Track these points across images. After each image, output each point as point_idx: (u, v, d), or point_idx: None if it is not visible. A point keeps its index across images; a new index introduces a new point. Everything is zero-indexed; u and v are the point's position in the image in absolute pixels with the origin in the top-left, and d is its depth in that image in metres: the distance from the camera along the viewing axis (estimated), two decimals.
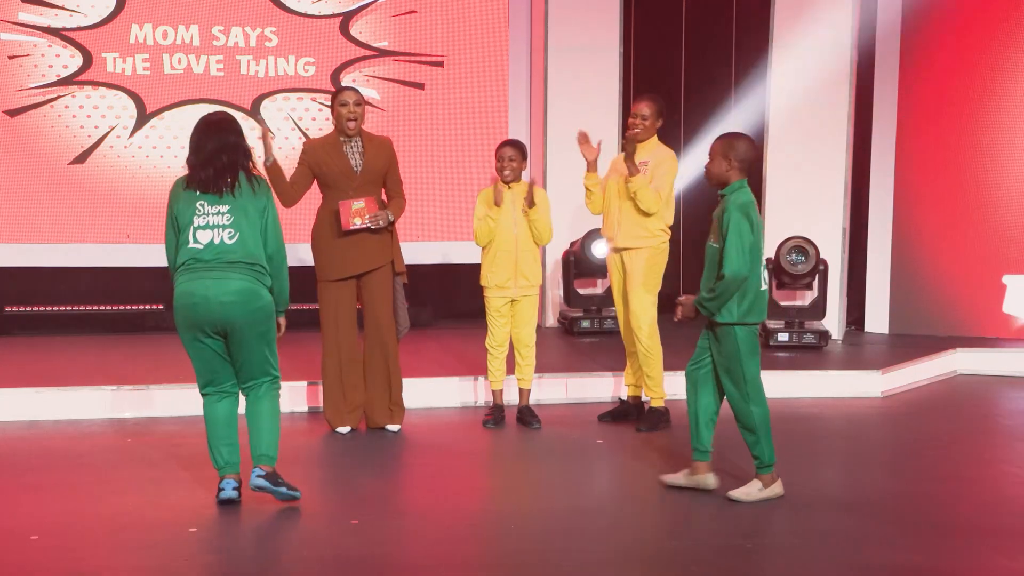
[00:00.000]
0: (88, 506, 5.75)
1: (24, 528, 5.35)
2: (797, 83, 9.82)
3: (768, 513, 5.64)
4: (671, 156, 7.26)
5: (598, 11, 10.19)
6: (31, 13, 9.77)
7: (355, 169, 6.99)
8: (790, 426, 7.50)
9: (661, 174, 7.15)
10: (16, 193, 9.83)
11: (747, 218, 5.66)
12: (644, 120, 7.23)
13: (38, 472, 6.34)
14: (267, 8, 10.09)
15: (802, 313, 9.56)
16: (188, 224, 5.56)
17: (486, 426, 7.33)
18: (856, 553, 5.08)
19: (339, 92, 7.06)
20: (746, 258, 5.62)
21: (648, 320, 7.24)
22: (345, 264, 7.03)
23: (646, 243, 7.19)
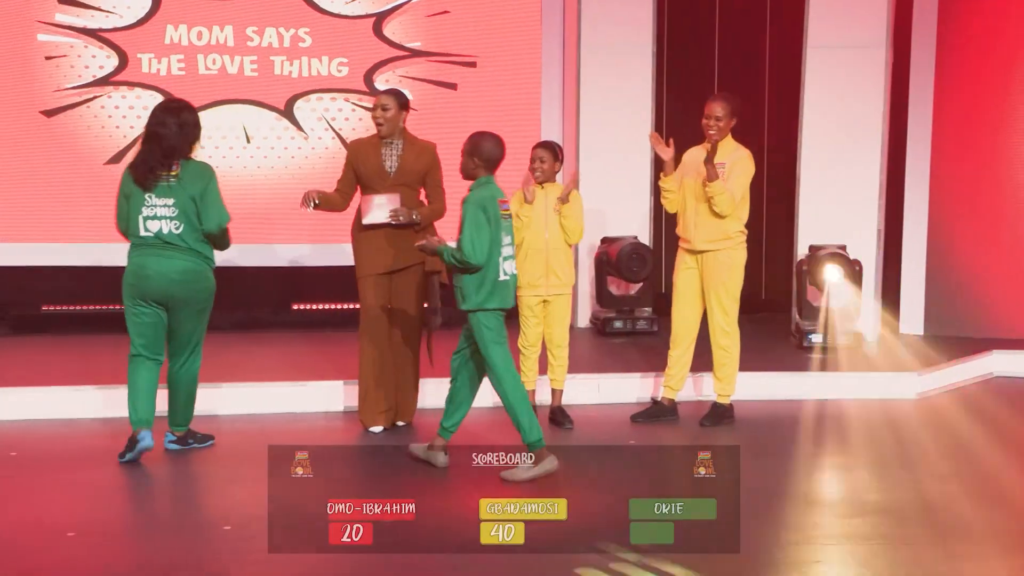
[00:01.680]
0: (124, 503, 5.79)
1: (61, 525, 5.40)
2: (831, 83, 9.77)
3: (801, 515, 5.63)
4: (747, 156, 7.24)
5: (631, 10, 10.16)
6: (68, 14, 9.83)
7: (388, 170, 7.05)
8: (824, 427, 7.48)
9: (736, 175, 7.14)
10: (53, 193, 9.90)
11: (483, 211, 6.14)
12: (718, 121, 7.19)
13: (75, 470, 6.39)
14: (301, 9, 10.12)
15: None
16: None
17: None
18: (887, 556, 5.06)
19: (378, 94, 7.21)
20: (483, 249, 6.08)
21: (729, 321, 7.26)
22: (375, 261, 7.10)
23: (724, 245, 7.19)
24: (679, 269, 7.43)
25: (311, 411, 7.65)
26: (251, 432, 7.17)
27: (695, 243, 7.27)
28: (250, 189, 10.10)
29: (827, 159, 9.81)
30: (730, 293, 7.29)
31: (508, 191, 7.57)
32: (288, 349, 8.98)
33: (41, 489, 6.07)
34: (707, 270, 7.27)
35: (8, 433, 7.14)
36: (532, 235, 7.26)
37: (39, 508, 5.73)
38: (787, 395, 8.19)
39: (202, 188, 6.53)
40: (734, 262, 7.26)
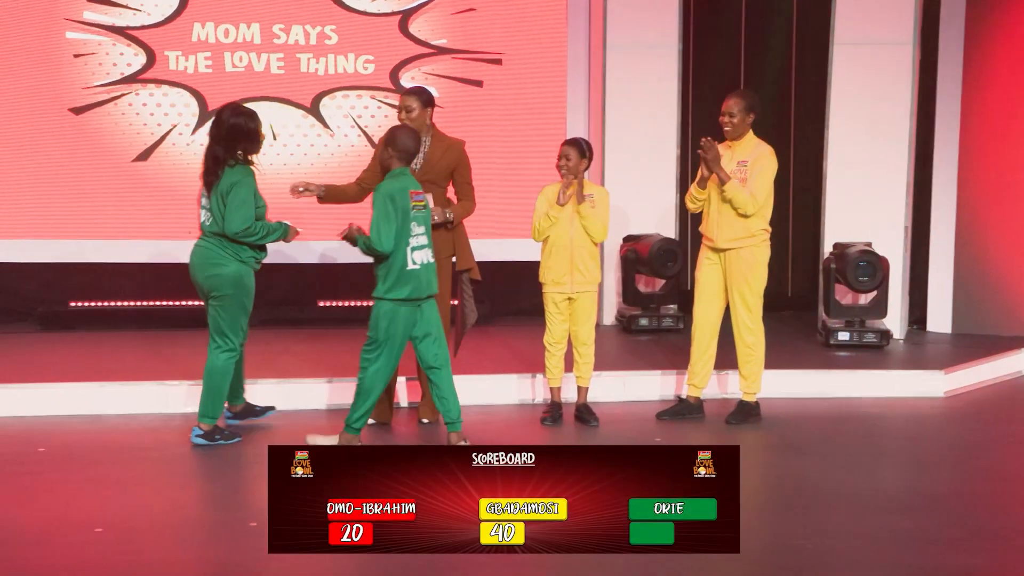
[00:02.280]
0: (151, 500, 5.82)
1: (89, 521, 5.42)
2: (858, 79, 9.72)
3: (828, 513, 5.61)
4: (768, 153, 7.20)
5: (657, 8, 10.13)
6: (96, 12, 9.88)
7: (414, 167, 7.06)
8: (851, 426, 7.46)
9: (755, 173, 7.11)
10: (81, 190, 9.95)
11: (392, 202, 6.33)
12: (732, 118, 7.18)
13: (102, 466, 6.42)
14: (327, 6, 10.14)
15: (863, 312, 9.48)
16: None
17: (544, 424, 7.34)
18: (915, 554, 5.04)
19: (401, 94, 7.26)
20: (390, 237, 6.30)
21: (753, 318, 7.25)
22: None
23: (747, 243, 7.18)
24: (701, 266, 7.42)
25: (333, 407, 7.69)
26: (279, 429, 7.20)
27: (718, 241, 7.25)
28: (276, 186, 10.08)
29: (853, 157, 9.76)
30: (754, 290, 7.27)
31: (534, 187, 7.59)
32: (315, 346, 8.99)
33: (68, 485, 6.10)
34: (730, 268, 7.26)
35: (36, 429, 7.18)
36: (557, 232, 7.25)
37: (67, 504, 5.76)
38: (813, 393, 8.16)
39: (227, 189, 6.71)
40: (757, 260, 7.25)
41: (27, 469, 6.37)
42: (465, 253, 7.27)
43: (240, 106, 6.97)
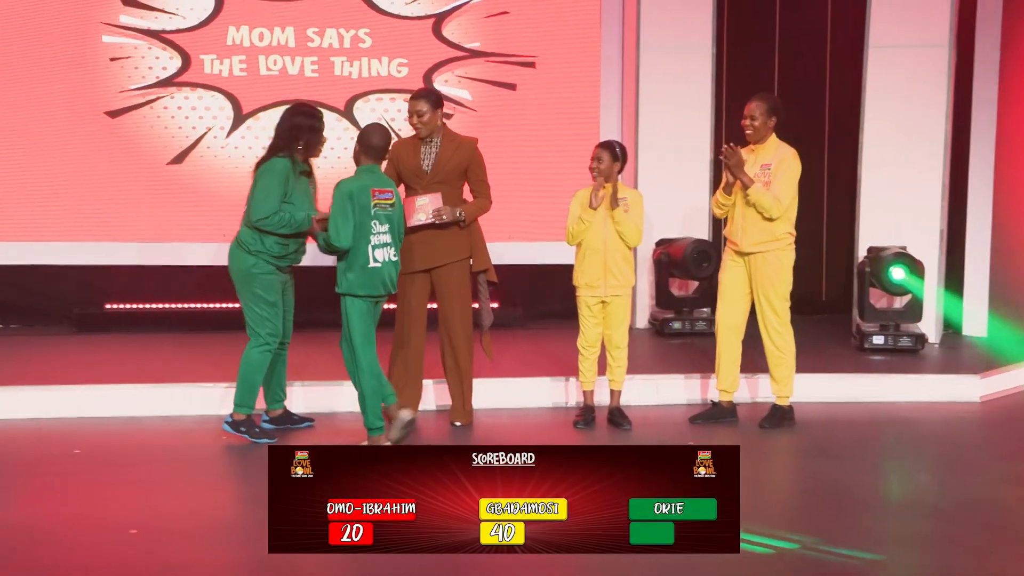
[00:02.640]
0: (186, 501, 5.85)
1: (124, 522, 5.46)
2: (893, 82, 9.67)
3: (860, 517, 5.59)
4: (791, 156, 7.19)
5: (691, 10, 10.12)
6: (132, 16, 9.94)
7: (425, 168, 7.10)
8: (885, 430, 7.43)
9: (780, 177, 7.10)
10: (116, 192, 10.01)
11: (349, 199, 6.50)
12: (754, 121, 7.19)
13: (137, 467, 6.46)
14: (361, 10, 10.17)
15: (898, 316, 9.43)
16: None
17: (576, 427, 7.34)
18: (948, 559, 5.02)
19: (410, 98, 7.23)
20: (347, 234, 6.49)
21: (780, 322, 7.22)
22: (413, 259, 7.17)
23: (772, 247, 7.16)
24: (725, 268, 7.41)
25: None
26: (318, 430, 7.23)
27: (743, 245, 7.24)
28: None
29: (888, 160, 9.72)
30: (780, 294, 7.24)
31: (568, 190, 7.58)
32: None
33: (104, 486, 6.14)
34: (756, 272, 7.24)
35: (72, 430, 7.23)
36: (591, 235, 7.24)
37: (102, 505, 5.79)
38: (847, 397, 8.12)
39: (259, 176, 6.91)
40: (782, 263, 7.22)
41: (63, 470, 6.42)
42: (481, 254, 7.29)
43: (303, 105, 7.21)
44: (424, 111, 7.09)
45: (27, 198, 9.98)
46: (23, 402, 7.56)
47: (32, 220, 10.00)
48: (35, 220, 10.00)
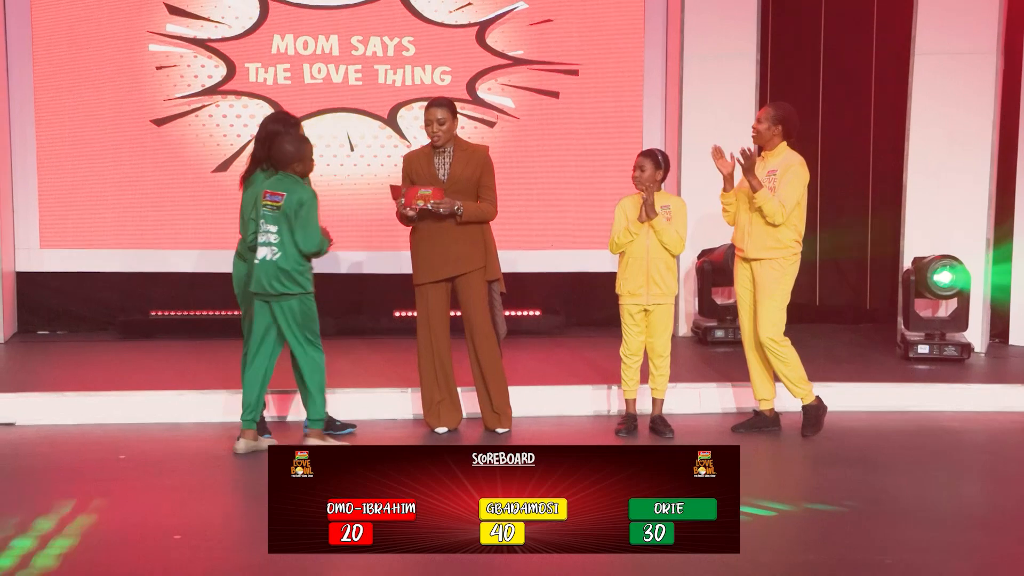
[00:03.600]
0: (229, 507, 5.88)
1: (167, 527, 5.49)
2: (939, 89, 9.60)
3: (903, 527, 5.54)
4: (797, 163, 7.17)
5: (735, 19, 10.08)
6: (178, 25, 10.02)
7: (440, 178, 7.11)
8: (930, 440, 7.36)
9: (785, 183, 7.09)
10: (162, 200, 10.09)
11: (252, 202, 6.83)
12: (759, 125, 7.26)
13: (181, 473, 6.50)
14: (405, 18, 10.20)
15: (943, 325, 9.35)
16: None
17: (618, 435, 7.32)
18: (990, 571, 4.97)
19: (426, 108, 7.20)
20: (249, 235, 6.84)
21: (776, 332, 7.17)
22: (432, 268, 7.20)
23: (775, 254, 7.13)
24: (737, 277, 7.42)
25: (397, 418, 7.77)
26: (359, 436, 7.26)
27: (748, 251, 7.23)
28: (353, 197, 10.21)
29: (934, 167, 9.64)
30: (777, 304, 7.18)
31: (610, 198, 7.58)
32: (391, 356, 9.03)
33: (148, 491, 6.18)
34: (757, 279, 7.22)
35: (117, 436, 7.28)
36: (634, 244, 7.23)
37: (146, 510, 5.83)
38: (892, 407, 8.06)
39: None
40: (785, 272, 7.17)
41: (108, 476, 6.46)
42: (493, 263, 7.31)
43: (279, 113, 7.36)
44: (444, 119, 7.10)
45: (74, 206, 10.08)
46: (68, 408, 7.63)
47: (79, 227, 10.10)
48: (82, 227, 10.10)
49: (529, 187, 10.25)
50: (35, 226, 10.06)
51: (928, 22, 9.59)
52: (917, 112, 9.67)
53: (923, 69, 9.63)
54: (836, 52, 10.81)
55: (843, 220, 10.66)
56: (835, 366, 8.70)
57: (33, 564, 5.01)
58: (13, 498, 6.04)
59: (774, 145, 7.23)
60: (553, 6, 10.30)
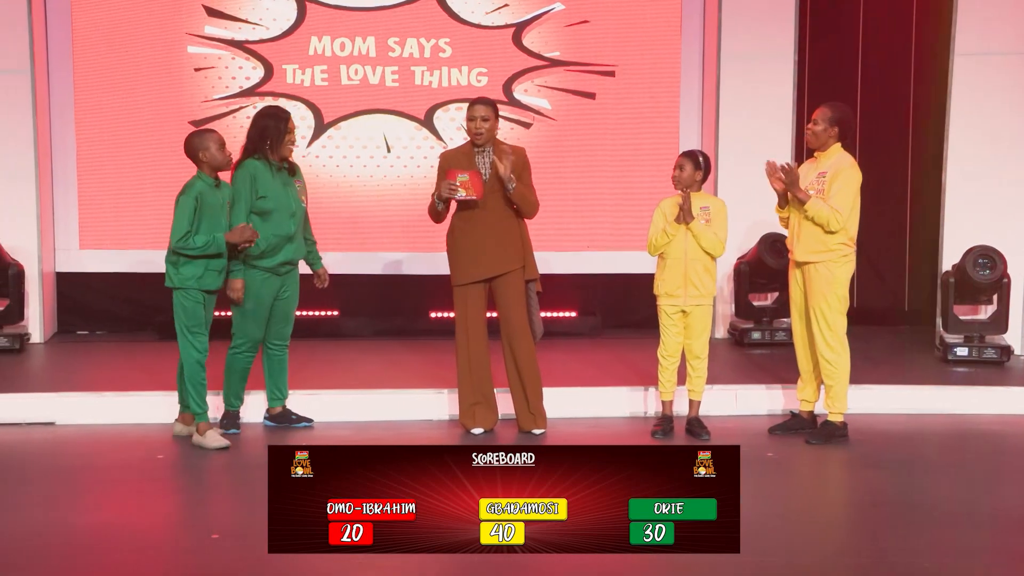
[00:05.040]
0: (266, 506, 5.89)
1: (205, 526, 5.52)
2: (979, 90, 9.53)
3: (941, 530, 5.51)
4: (848, 165, 7.10)
5: (772, 19, 10.04)
6: (216, 27, 10.08)
7: (483, 178, 7.11)
8: (969, 443, 7.32)
9: (836, 189, 7.00)
10: None
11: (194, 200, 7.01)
12: (815, 127, 7.16)
13: (219, 472, 6.54)
14: (442, 19, 10.22)
15: (982, 327, 9.28)
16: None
17: (654, 437, 7.31)
18: None
19: (470, 105, 7.24)
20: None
21: (832, 335, 7.11)
22: (471, 269, 7.21)
23: (823, 257, 7.07)
24: (790, 279, 7.37)
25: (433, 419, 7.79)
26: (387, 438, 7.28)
27: (797, 254, 7.19)
28: (389, 198, 10.23)
29: (974, 169, 9.57)
30: (833, 307, 7.12)
31: (648, 199, 7.57)
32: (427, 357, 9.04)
33: (186, 491, 6.22)
34: (808, 283, 7.17)
35: (155, 436, 7.33)
36: (672, 245, 7.22)
37: (184, 509, 5.87)
38: (930, 409, 8.01)
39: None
40: (835, 276, 7.10)
41: (146, 475, 6.51)
42: (531, 263, 7.32)
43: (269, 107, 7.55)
44: (487, 116, 7.12)
45: (114, 207, 10.15)
46: (108, 408, 7.69)
47: (118, 228, 10.17)
48: (121, 228, 10.17)
49: (565, 188, 10.24)
50: (75, 227, 10.14)
51: (967, 22, 9.52)
52: (956, 113, 9.61)
53: (962, 70, 9.57)
54: (874, 53, 10.76)
55: (882, 222, 10.59)
56: (873, 368, 8.65)
57: None
58: (52, 497, 6.08)
59: (828, 147, 7.16)
60: (590, 7, 10.29)
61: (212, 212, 7.02)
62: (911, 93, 10.74)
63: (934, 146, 10.03)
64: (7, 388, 8.00)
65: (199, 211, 6.96)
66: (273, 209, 7.18)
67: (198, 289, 7.06)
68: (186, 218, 6.93)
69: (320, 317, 10.05)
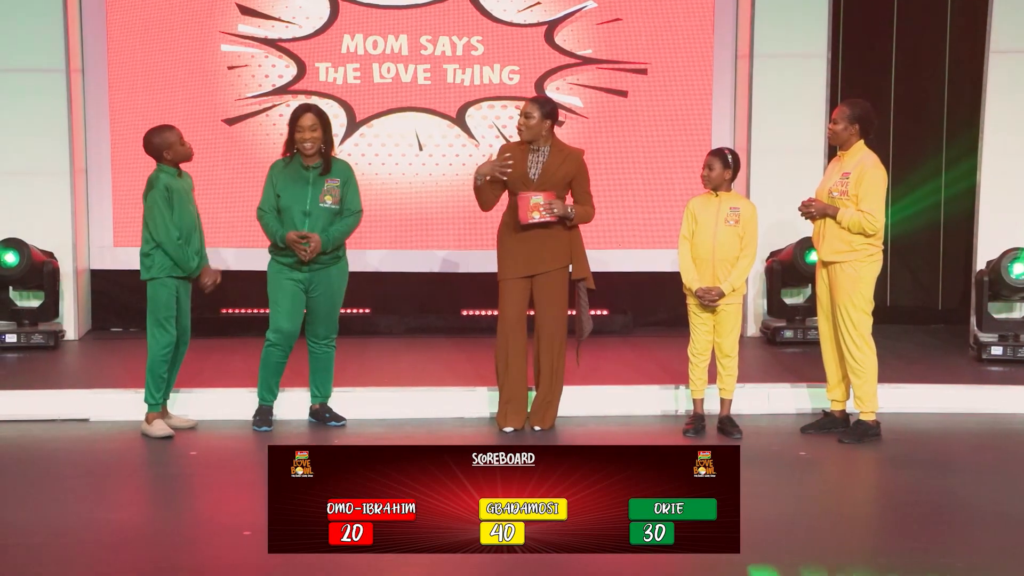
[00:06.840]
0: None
1: (238, 524, 5.54)
2: (1015, 88, 9.47)
3: (975, 531, 5.49)
4: (872, 165, 7.04)
5: (805, 17, 10.00)
6: (250, 25, 10.12)
7: (532, 177, 7.12)
8: (1003, 442, 7.27)
9: (864, 192, 6.95)
10: (233, 199, 10.18)
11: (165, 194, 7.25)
12: (835, 125, 7.14)
13: (251, 470, 6.56)
14: (474, 17, 10.23)
15: (1017, 326, 9.22)
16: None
17: (686, 435, 7.30)
18: None
19: (527, 101, 7.27)
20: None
21: (858, 334, 7.08)
22: (516, 265, 7.22)
23: (847, 256, 7.03)
24: (816, 281, 7.35)
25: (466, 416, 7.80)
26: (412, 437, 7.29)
27: (822, 254, 7.17)
28: (421, 195, 10.25)
29: (1009, 168, 9.52)
30: (858, 306, 7.08)
31: (679, 198, 7.56)
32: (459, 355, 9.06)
33: (218, 488, 6.25)
34: (833, 283, 7.14)
35: (188, 432, 7.36)
36: (699, 243, 7.21)
37: (217, 506, 5.90)
38: (964, 408, 7.96)
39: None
40: (860, 275, 7.06)
41: (179, 472, 6.55)
42: (581, 261, 7.31)
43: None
44: (533, 115, 7.12)
45: None
46: (141, 404, 7.71)
47: None
48: None
49: (596, 186, 10.07)
50: (109, 224, 10.20)
51: (1003, 19, 9.46)
52: (991, 111, 9.55)
53: (998, 67, 9.51)
54: (908, 51, 10.69)
55: (915, 221, 10.53)
56: (906, 367, 8.61)
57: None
58: (85, 493, 6.12)
59: (851, 145, 7.13)
60: (622, 5, 10.28)
61: (179, 196, 7.38)
62: (945, 91, 10.67)
63: (968, 144, 9.97)
64: (42, 385, 8.07)
65: (169, 199, 7.26)
66: (285, 207, 7.35)
67: (173, 277, 7.32)
68: (167, 215, 7.24)
69: (352, 314, 10.08)
